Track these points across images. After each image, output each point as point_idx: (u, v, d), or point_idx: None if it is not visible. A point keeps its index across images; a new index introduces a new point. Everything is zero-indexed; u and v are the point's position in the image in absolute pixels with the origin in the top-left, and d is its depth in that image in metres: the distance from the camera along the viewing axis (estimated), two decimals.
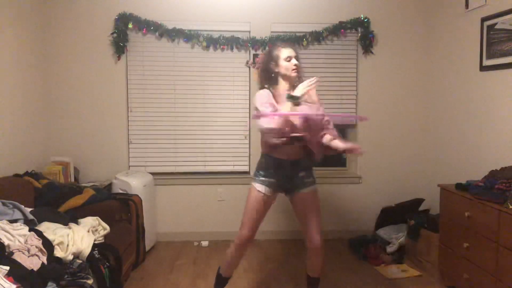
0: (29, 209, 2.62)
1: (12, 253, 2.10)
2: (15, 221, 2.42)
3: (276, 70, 2.50)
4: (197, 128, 4.09)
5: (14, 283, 1.89)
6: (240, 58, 4.05)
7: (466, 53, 3.46)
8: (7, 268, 1.94)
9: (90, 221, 2.76)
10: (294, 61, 2.49)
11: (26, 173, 3.21)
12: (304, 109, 2.44)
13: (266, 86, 2.54)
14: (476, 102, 3.34)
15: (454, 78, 3.65)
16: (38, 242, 2.22)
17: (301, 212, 2.59)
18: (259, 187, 2.52)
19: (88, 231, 2.61)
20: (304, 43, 4.01)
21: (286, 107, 2.35)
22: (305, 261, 2.73)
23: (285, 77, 2.51)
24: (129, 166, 4.05)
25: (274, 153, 2.49)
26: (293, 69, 2.49)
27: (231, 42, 3.97)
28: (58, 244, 2.34)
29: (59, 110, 3.94)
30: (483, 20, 3.21)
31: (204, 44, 3.97)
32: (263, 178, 2.52)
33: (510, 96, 2.98)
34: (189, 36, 3.96)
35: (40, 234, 2.31)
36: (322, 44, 4.08)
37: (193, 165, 4.11)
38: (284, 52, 2.50)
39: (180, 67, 4.03)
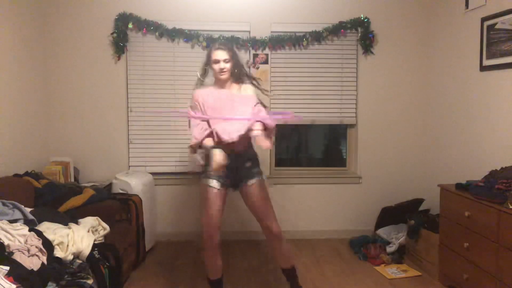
0: (29, 209, 2.61)
1: (12, 253, 2.09)
2: (15, 221, 2.42)
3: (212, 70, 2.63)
4: None
5: (14, 283, 1.89)
6: None
7: (466, 53, 3.46)
8: (7, 268, 1.94)
9: (90, 221, 2.76)
10: (222, 64, 2.55)
11: (26, 173, 3.20)
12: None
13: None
14: (476, 102, 3.34)
15: (454, 78, 3.65)
16: (38, 242, 2.22)
17: (252, 203, 2.60)
18: (210, 182, 2.58)
19: (88, 231, 2.61)
20: (304, 43, 4.01)
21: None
22: (272, 255, 2.78)
23: (216, 78, 2.63)
24: (129, 166, 4.05)
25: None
26: (220, 72, 2.57)
27: (231, 42, 3.97)
28: (58, 244, 2.34)
29: (59, 110, 3.94)
30: (483, 20, 3.21)
31: (204, 44, 3.96)
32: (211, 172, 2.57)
33: (510, 96, 2.98)
34: (189, 36, 3.96)
35: (40, 234, 2.31)
36: (322, 44, 4.08)
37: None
38: (215, 55, 2.57)
39: (180, 67, 4.02)
